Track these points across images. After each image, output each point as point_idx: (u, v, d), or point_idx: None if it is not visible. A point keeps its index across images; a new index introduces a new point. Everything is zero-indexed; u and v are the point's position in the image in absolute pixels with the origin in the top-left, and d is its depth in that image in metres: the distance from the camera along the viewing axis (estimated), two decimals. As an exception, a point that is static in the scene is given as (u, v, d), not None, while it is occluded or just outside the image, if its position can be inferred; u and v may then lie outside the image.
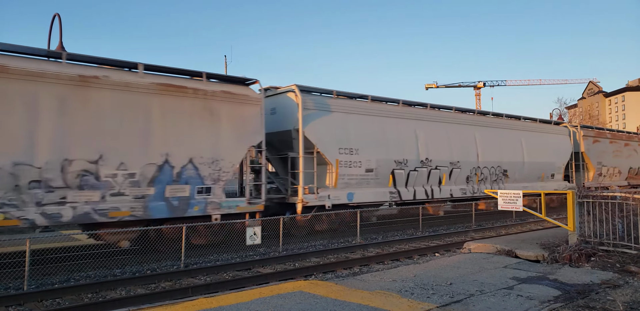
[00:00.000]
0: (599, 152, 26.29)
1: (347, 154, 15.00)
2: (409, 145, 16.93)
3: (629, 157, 29.09)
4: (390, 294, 6.33)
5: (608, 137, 27.69)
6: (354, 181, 15.18)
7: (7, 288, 8.66)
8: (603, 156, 26.58)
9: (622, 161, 28.45)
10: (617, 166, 27.78)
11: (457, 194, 18.62)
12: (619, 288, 6.68)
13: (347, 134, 15.10)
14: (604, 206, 8.86)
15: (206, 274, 9.94)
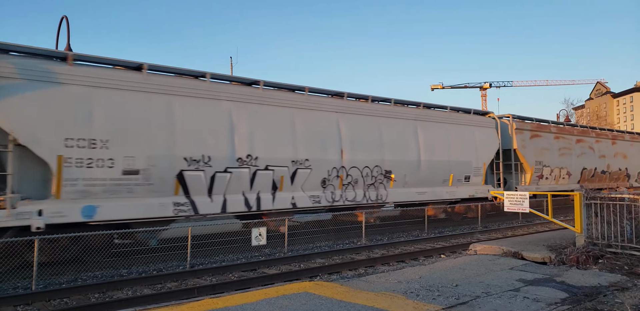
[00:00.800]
0: (538, 150, 21.53)
1: (85, 148, 10.06)
2: (215, 136, 11.99)
3: (582, 156, 24.30)
4: (396, 295, 6.32)
5: (552, 132, 22.95)
6: (100, 188, 10.20)
7: (16, 288, 8.73)
8: (545, 154, 21.74)
9: (573, 160, 23.63)
10: (565, 167, 23.07)
11: (304, 203, 13.73)
12: (627, 290, 6.63)
13: (87, 118, 10.16)
14: (612, 208, 8.80)
15: (212, 274, 9.97)
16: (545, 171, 21.81)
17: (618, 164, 27.25)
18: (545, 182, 21.95)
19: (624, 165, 27.79)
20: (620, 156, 27.43)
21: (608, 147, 26.64)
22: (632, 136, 29.99)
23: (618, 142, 27.62)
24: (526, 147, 20.94)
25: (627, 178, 27.97)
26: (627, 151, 28.12)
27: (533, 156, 21.22)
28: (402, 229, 16.93)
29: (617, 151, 27.27)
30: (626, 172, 27.93)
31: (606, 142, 26.60)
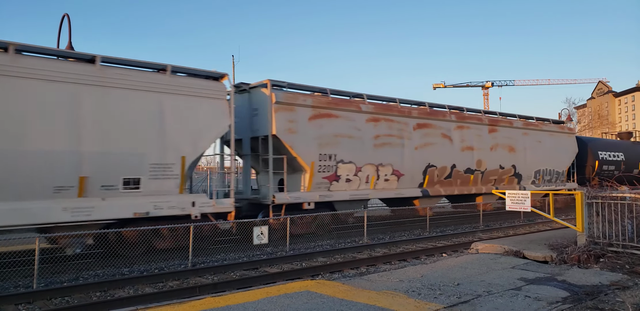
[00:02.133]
0: (328, 137, 14.62)
1: None
2: None
3: (426, 148, 17.34)
4: (397, 294, 6.32)
5: (363, 111, 15.62)
6: None
7: (17, 286, 8.76)
8: (342, 144, 14.92)
9: (407, 154, 16.67)
10: (389, 164, 16.16)
11: None
12: (628, 289, 6.62)
13: None
14: (614, 207, 8.79)
15: (213, 273, 9.98)
16: (343, 170, 15.00)
17: (498, 160, 20.24)
18: (346, 186, 15.19)
19: (509, 161, 20.83)
20: (502, 149, 20.52)
21: (481, 136, 19.59)
22: (526, 123, 22.39)
23: (500, 130, 20.61)
24: (299, 132, 13.98)
25: (517, 179, 21.52)
26: (516, 143, 21.21)
27: (316, 147, 14.31)
28: (404, 228, 16.94)
29: (496, 142, 20.26)
30: (514, 171, 21.12)
31: (477, 130, 19.55)
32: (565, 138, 24.50)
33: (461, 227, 17.66)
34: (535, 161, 22.25)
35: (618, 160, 26.80)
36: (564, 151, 24.23)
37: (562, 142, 24.11)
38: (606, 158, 26.07)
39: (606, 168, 25.91)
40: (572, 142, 24.78)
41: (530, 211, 9.97)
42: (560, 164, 23.89)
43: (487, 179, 20.16)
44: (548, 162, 23.01)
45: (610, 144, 28.27)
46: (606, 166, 25.95)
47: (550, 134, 23.51)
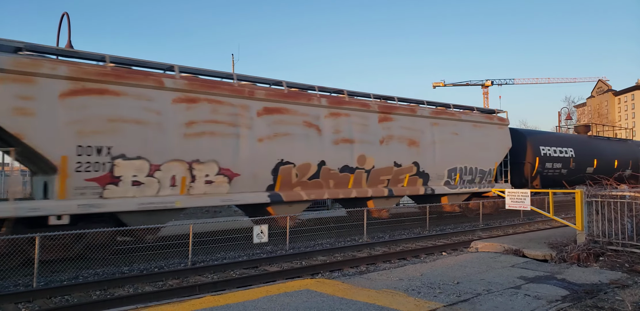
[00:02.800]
0: (99, 123, 10.62)
1: None
2: None
3: (278, 139, 13.48)
4: (397, 293, 6.32)
5: (165, 88, 11.61)
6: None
7: (17, 285, 8.76)
8: (124, 132, 10.92)
9: (244, 146, 12.79)
10: (214, 160, 12.26)
11: None
12: (627, 288, 6.63)
13: None
14: (613, 205, 8.79)
15: (213, 272, 9.99)
16: (125, 169, 10.85)
17: (393, 156, 16.15)
18: (134, 191, 11.01)
19: (409, 158, 16.66)
20: (399, 143, 16.32)
21: (367, 126, 15.64)
22: (437, 111, 18.19)
23: (397, 119, 16.45)
24: (41, 114, 9.97)
25: (423, 180, 17.26)
26: (421, 135, 17.08)
27: (72, 136, 10.26)
28: (404, 227, 16.95)
29: (390, 134, 16.19)
30: (416, 169, 16.93)
31: (362, 118, 15.55)
32: (495, 130, 20.22)
33: (461, 226, 17.67)
34: (450, 157, 18.01)
35: (566, 157, 23.38)
36: (493, 145, 19.90)
37: (490, 135, 19.86)
38: (550, 154, 22.51)
39: (550, 166, 22.48)
40: (503, 135, 20.60)
41: (529, 209, 9.97)
42: (486, 162, 19.55)
43: (377, 179, 15.87)
44: (469, 159, 18.79)
45: (557, 138, 24.82)
46: (550, 163, 22.45)
47: (474, 125, 19.26)
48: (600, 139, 27.85)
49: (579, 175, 23.33)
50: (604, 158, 25.60)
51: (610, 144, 27.40)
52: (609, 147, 26.73)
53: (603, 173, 23.34)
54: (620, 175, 24.37)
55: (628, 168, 26.45)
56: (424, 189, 17.39)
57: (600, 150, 25.68)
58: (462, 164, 18.71)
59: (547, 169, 22.34)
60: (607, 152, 26.13)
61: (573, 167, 23.62)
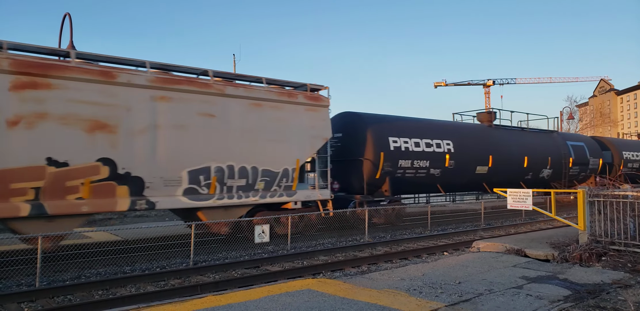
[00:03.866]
0: None
1: None
2: None
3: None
4: (399, 293, 6.32)
5: None
6: None
7: (20, 285, 8.77)
8: None
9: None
10: None
11: None
12: (630, 288, 6.62)
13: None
14: (616, 205, 8.77)
15: (215, 272, 9.99)
16: None
17: (46, 148, 9.87)
18: None
19: (90, 153, 10.39)
20: (65, 127, 10.07)
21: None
22: (165, 79, 11.52)
23: (65, 87, 10.14)
24: None
25: (127, 188, 10.83)
26: (120, 115, 10.81)
27: None
28: (405, 227, 16.93)
29: (40, 111, 9.82)
30: (109, 171, 10.63)
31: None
32: (300, 113, 13.98)
33: (462, 225, 17.65)
34: (195, 151, 11.82)
35: (438, 152, 17.43)
36: (293, 134, 13.78)
37: (288, 119, 13.70)
38: (408, 148, 16.64)
39: (408, 165, 16.64)
40: (316, 120, 14.33)
41: (531, 209, 9.95)
42: (279, 159, 13.45)
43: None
44: (243, 154, 12.68)
45: (421, 126, 18.02)
46: (408, 161, 16.57)
47: (254, 105, 12.98)
48: (505, 129, 21.86)
49: (466, 176, 18.68)
50: (507, 155, 20.34)
51: (520, 137, 21.94)
52: (518, 141, 21.52)
53: (504, 173, 20.20)
54: (535, 177, 22.03)
55: (546, 167, 22.45)
56: (129, 202, 10.85)
57: (501, 144, 20.38)
58: (226, 163, 12.36)
59: (402, 169, 16.56)
60: (513, 147, 21.01)
61: (451, 166, 17.87)
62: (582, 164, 24.90)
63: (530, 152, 21.67)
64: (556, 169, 23.10)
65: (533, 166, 21.81)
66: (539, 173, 22.37)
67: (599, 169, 26.05)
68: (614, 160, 27.58)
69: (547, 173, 22.75)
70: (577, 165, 24.52)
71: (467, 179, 19.17)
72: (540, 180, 22.62)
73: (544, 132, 24.03)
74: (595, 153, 25.93)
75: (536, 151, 22.08)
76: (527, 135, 22.65)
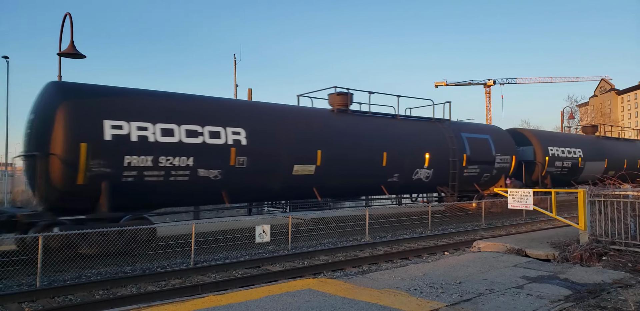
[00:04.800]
0: None
1: None
2: None
3: None
4: (399, 292, 6.32)
5: None
6: None
7: (20, 285, 8.79)
8: None
9: None
10: None
11: None
12: (630, 287, 6.61)
13: None
14: (616, 205, 8.77)
15: (215, 272, 10.00)
16: None
17: None
18: None
19: None
20: None
21: None
22: None
23: None
24: None
25: None
26: None
27: None
28: (406, 227, 16.94)
29: None
30: None
31: None
32: None
33: (463, 225, 17.65)
34: None
35: (214, 145, 12.21)
36: None
37: None
38: (149, 138, 11.26)
39: (147, 164, 11.12)
40: None
41: (532, 209, 9.95)
42: None
43: None
44: None
45: (189, 107, 12.44)
46: (146, 157, 11.09)
47: None
48: (361, 116, 16.45)
49: (275, 180, 13.61)
50: (352, 149, 15.26)
51: (384, 126, 16.64)
52: (378, 131, 16.35)
53: (347, 174, 15.06)
54: (406, 180, 16.54)
55: (423, 166, 17.20)
56: None
57: (347, 134, 15.46)
58: None
59: (136, 170, 11.12)
60: (367, 139, 15.86)
61: (243, 165, 12.66)
62: (483, 163, 19.41)
63: (395, 147, 16.27)
64: (440, 169, 17.68)
65: (399, 165, 16.34)
66: (411, 174, 16.81)
67: (511, 169, 20.65)
68: (536, 157, 22.42)
69: (425, 174, 17.23)
70: (475, 164, 18.98)
71: (279, 184, 13.70)
72: (415, 184, 17.32)
73: (424, 121, 18.46)
74: (505, 148, 20.39)
75: (404, 144, 16.66)
76: (394, 124, 17.09)
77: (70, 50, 12.65)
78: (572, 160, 23.87)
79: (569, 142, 24.44)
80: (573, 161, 23.90)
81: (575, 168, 24.05)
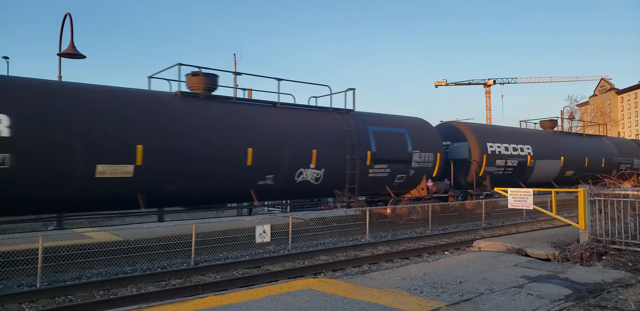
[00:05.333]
0: None
1: None
2: None
3: None
4: (400, 292, 6.32)
5: None
6: None
7: (21, 285, 8.79)
8: None
9: None
10: None
11: None
12: (631, 287, 6.61)
13: None
14: (616, 205, 8.77)
15: (216, 272, 10.00)
16: None
17: None
18: None
19: None
20: None
21: None
22: None
23: None
24: None
25: None
26: None
27: None
28: (406, 226, 16.93)
29: None
30: None
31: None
32: None
33: (463, 225, 17.65)
34: None
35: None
36: None
37: None
38: None
39: None
40: None
41: (532, 208, 9.95)
42: None
43: None
44: None
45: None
46: None
47: None
48: (220, 101, 13.08)
49: (57, 185, 10.14)
50: (199, 144, 11.97)
51: (254, 117, 13.27)
52: (241, 122, 13.00)
53: (191, 175, 11.76)
54: (286, 182, 13.34)
55: (310, 166, 13.86)
56: None
57: (195, 126, 12.05)
58: None
59: None
60: (223, 131, 12.54)
61: (5, 165, 9.39)
62: (396, 162, 16.14)
63: (266, 142, 13.09)
64: (335, 170, 14.48)
65: (272, 165, 13.20)
66: (292, 176, 13.57)
67: (435, 168, 17.42)
68: (471, 155, 19.02)
69: (313, 175, 14.03)
70: (384, 162, 15.77)
71: (74, 192, 10.38)
72: (300, 187, 14.06)
73: (317, 111, 15.17)
74: (427, 145, 17.17)
75: (281, 139, 13.40)
76: (270, 114, 13.72)
77: (70, 51, 12.66)
78: (519, 158, 20.71)
79: (515, 138, 21.06)
80: (520, 160, 20.76)
81: (522, 168, 20.99)
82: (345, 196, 15.12)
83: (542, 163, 21.89)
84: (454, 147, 19.49)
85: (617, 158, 26.79)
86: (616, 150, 27.04)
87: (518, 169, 20.81)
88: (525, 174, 21.36)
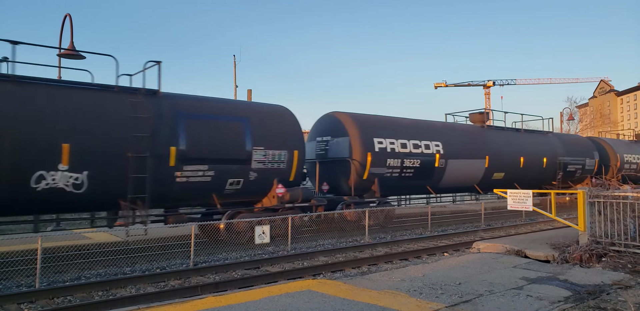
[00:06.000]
0: None
1: None
2: None
3: None
4: (399, 293, 6.32)
5: None
6: None
7: (19, 286, 8.78)
8: None
9: None
10: None
11: None
12: (630, 288, 6.61)
13: None
14: (616, 206, 8.77)
15: (215, 273, 9.99)
16: None
17: None
18: None
19: None
20: None
21: None
22: None
23: None
24: None
25: None
26: None
27: None
28: (405, 228, 16.92)
29: None
30: None
31: None
32: None
33: (462, 226, 17.65)
34: None
35: None
36: None
37: None
38: None
39: None
40: None
41: (532, 210, 9.95)
42: None
43: None
44: None
45: None
46: None
47: None
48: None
49: None
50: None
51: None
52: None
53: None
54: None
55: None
56: None
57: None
58: None
59: None
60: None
61: None
62: (224, 162, 12.46)
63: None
64: (112, 172, 10.64)
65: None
66: (25, 182, 9.67)
67: (293, 169, 13.96)
68: (351, 153, 15.59)
69: (66, 180, 10.05)
70: (201, 163, 12.00)
71: None
72: (45, 198, 10.01)
73: (79, 89, 10.78)
74: (279, 140, 13.68)
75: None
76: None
77: (70, 51, 12.66)
78: (422, 157, 16.91)
79: (418, 133, 17.16)
80: (424, 159, 16.94)
81: (429, 169, 17.18)
82: (127, 209, 10.94)
83: (456, 164, 18.05)
84: (334, 144, 16.01)
85: (564, 157, 22.95)
86: (563, 149, 23.14)
87: (421, 171, 16.98)
88: (434, 177, 17.58)
